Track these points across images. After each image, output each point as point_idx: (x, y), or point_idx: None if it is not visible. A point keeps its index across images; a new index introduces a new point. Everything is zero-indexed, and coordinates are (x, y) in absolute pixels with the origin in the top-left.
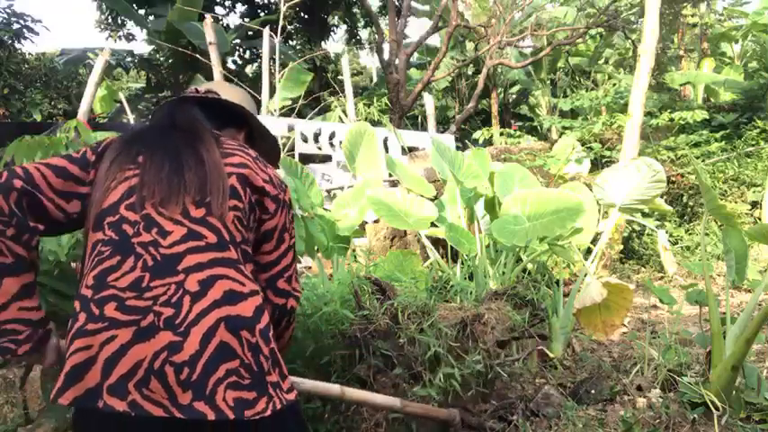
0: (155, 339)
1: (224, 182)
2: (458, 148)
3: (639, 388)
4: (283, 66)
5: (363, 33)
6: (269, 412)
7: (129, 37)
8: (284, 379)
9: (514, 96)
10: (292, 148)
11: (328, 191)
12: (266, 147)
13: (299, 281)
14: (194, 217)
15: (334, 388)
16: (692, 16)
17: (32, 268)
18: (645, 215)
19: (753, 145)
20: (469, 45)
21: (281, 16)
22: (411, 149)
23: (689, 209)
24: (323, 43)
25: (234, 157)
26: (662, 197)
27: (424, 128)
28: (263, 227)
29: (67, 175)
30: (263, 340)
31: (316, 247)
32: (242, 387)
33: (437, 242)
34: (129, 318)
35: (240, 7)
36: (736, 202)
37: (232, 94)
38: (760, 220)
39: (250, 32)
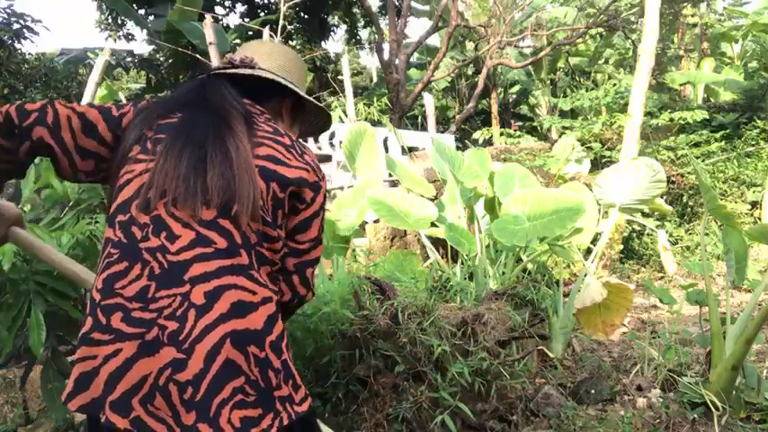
0: (159, 355)
1: (254, 187)
2: (458, 148)
3: (639, 388)
4: None
5: (363, 33)
6: (274, 429)
7: (129, 37)
8: (297, 390)
9: (514, 96)
10: None
11: (328, 191)
12: (314, 117)
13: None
14: (204, 220)
15: None
16: (692, 16)
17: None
18: (645, 215)
19: (753, 145)
20: (469, 45)
21: (281, 16)
22: (411, 149)
23: (689, 209)
24: (323, 43)
25: (262, 148)
26: (662, 197)
27: (424, 128)
28: (299, 216)
29: (95, 135)
30: (275, 353)
31: None
32: (247, 405)
33: (437, 242)
34: (135, 330)
35: (240, 7)
36: (736, 202)
37: (273, 57)
38: (760, 220)
39: (250, 32)
